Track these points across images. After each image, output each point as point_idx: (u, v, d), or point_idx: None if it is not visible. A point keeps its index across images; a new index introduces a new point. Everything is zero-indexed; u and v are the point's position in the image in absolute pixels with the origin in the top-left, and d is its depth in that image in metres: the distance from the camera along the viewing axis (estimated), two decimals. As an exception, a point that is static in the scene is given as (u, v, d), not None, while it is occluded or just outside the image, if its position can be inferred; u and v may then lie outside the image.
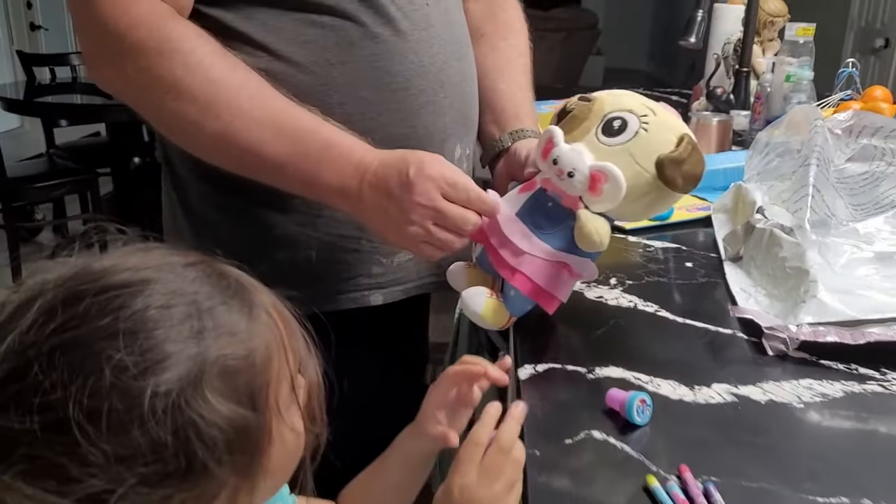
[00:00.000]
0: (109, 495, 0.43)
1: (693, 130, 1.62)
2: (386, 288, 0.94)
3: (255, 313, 0.50)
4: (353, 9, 0.83)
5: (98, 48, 0.79)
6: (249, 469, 0.48)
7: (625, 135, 0.74)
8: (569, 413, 0.70)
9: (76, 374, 0.43)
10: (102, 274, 0.47)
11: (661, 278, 1.03)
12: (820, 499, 0.59)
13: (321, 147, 0.78)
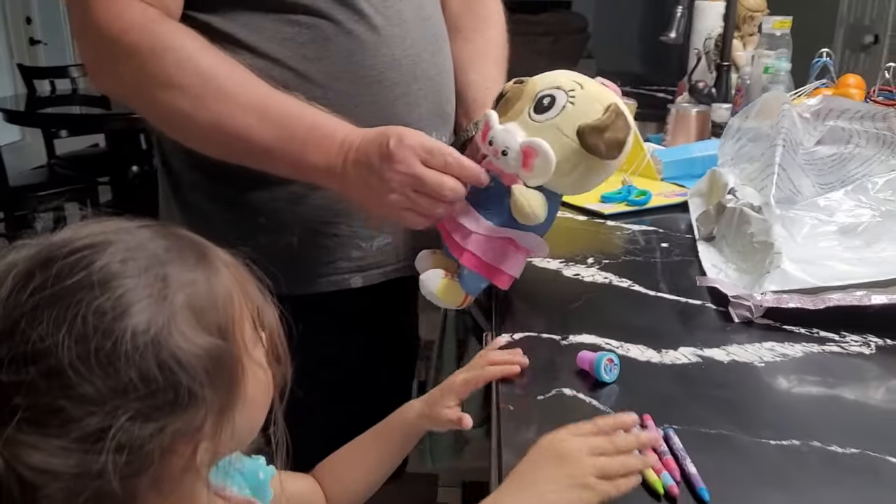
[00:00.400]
0: (106, 433, 0.47)
1: (673, 122, 1.68)
2: (366, 271, 0.99)
3: (211, 261, 0.55)
4: (328, 7, 0.88)
5: (96, 53, 0.84)
6: (228, 397, 0.52)
7: (553, 110, 0.77)
8: (542, 374, 0.75)
9: (61, 323, 0.47)
10: (66, 242, 0.51)
11: (637, 257, 1.07)
12: (772, 442, 0.63)
13: (306, 130, 0.83)
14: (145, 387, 0.48)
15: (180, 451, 0.51)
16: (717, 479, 0.58)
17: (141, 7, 0.81)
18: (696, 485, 0.57)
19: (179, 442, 0.50)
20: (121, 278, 0.49)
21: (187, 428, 0.50)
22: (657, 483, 0.57)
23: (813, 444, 0.63)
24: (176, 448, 0.50)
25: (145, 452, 0.48)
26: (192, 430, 0.50)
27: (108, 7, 0.80)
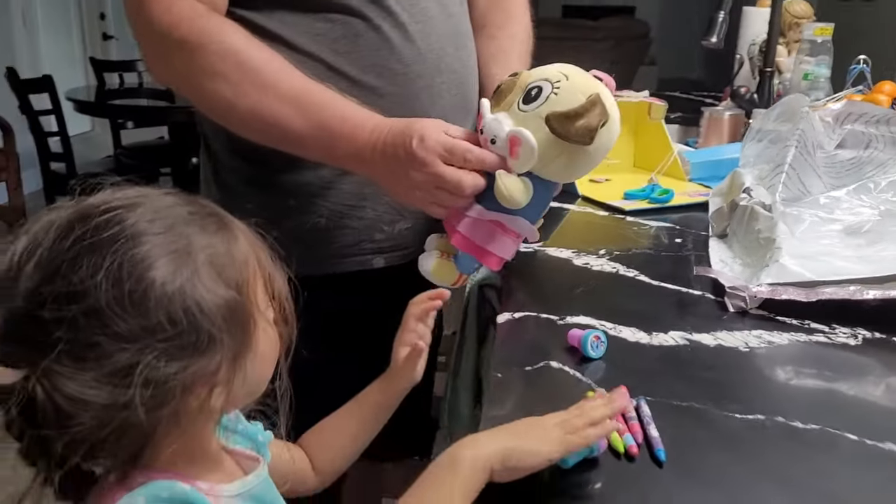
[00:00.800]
0: (134, 368, 0.53)
1: (706, 125, 1.71)
2: (388, 252, 1.05)
3: (231, 229, 0.62)
4: (359, 5, 0.95)
5: (149, 45, 0.92)
6: (241, 347, 0.59)
7: (539, 100, 0.81)
8: (534, 348, 0.80)
9: (99, 268, 0.53)
10: (101, 202, 0.58)
11: (649, 250, 1.11)
12: (738, 416, 0.67)
13: (337, 120, 0.89)
14: (172, 328, 0.54)
15: (197, 391, 0.57)
16: (678, 445, 0.62)
17: (190, 2, 0.89)
18: (655, 447, 0.61)
19: (198, 382, 0.57)
20: (149, 234, 0.56)
21: (205, 370, 0.57)
22: (619, 443, 0.62)
23: (777, 419, 0.67)
24: (194, 387, 0.57)
25: (168, 388, 0.55)
26: (209, 372, 0.57)
27: (159, 2, 0.88)
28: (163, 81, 0.95)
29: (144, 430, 0.55)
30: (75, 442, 0.53)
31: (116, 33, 5.88)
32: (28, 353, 0.53)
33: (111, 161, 4.00)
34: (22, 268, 0.55)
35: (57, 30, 5.36)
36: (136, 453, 0.56)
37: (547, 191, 0.85)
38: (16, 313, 0.54)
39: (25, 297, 0.54)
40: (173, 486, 0.57)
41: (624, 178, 1.49)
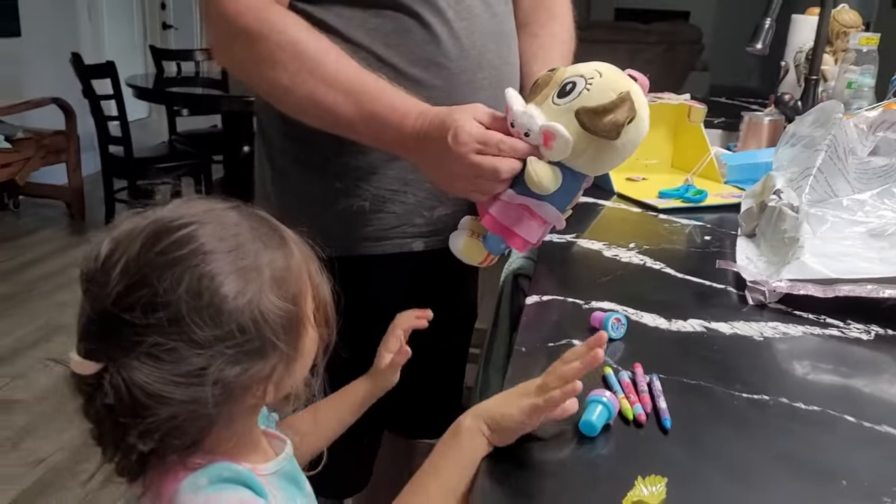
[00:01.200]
0: (206, 371, 0.61)
1: (745, 129, 1.74)
2: (427, 237, 1.11)
3: (288, 244, 0.69)
4: (410, 3, 1.01)
5: (216, 32, 0.99)
6: (293, 349, 0.66)
7: (572, 95, 0.86)
8: (558, 327, 0.85)
9: (181, 282, 0.60)
10: (175, 218, 0.64)
11: (677, 246, 1.16)
12: (744, 395, 0.72)
13: (386, 109, 0.95)
14: (240, 336, 0.62)
15: (254, 390, 0.65)
16: (683, 418, 0.67)
17: None
18: (662, 416, 0.66)
19: (256, 382, 0.64)
20: (220, 252, 0.62)
21: (262, 372, 0.64)
22: (629, 411, 0.67)
23: (781, 399, 0.71)
24: (253, 386, 0.64)
25: (232, 387, 0.62)
26: (266, 373, 0.65)
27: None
28: (225, 66, 1.03)
29: (208, 422, 0.62)
30: (149, 431, 0.60)
31: (176, 23, 6.05)
32: (110, 350, 0.60)
33: (166, 146, 4.14)
34: (109, 271, 0.61)
35: (119, 18, 5.54)
36: (197, 440, 0.63)
37: (575, 181, 0.90)
38: (103, 313, 0.61)
39: (114, 300, 0.60)
40: (231, 467, 0.65)
41: (661, 178, 1.53)
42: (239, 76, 1.01)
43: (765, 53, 2.01)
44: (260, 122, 1.17)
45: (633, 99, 0.85)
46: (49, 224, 4.19)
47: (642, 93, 0.88)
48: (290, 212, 1.09)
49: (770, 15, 1.97)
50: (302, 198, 1.10)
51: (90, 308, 0.62)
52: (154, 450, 0.62)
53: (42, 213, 4.34)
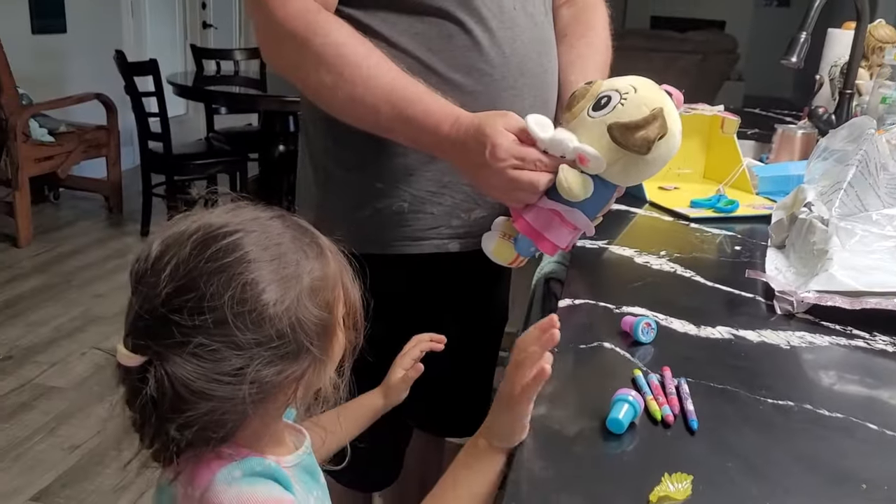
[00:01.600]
0: (244, 371, 0.64)
1: (778, 141, 1.75)
2: (463, 238, 1.15)
3: (325, 254, 0.72)
4: (454, 10, 1.05)
5: (264, 34, 1.03)
6: (324, 353, 0.70)
7: (606, 109, 0.89)
8: (589, 330, 0.88)
9: (226, 288, 0.64)
10: (222, 224, 0.68)
11: (708, 255, 1.18)
12: (770, 400, 0.74)
13: (422, 114, 0.99)
14: (278, 340, 0.66)
15: (286, 390, 0.69)
16: (709, 420, 0.70)
17: (301, 0, 0.99)
18: (689, 418, 0.69)
19: (289, 383, 0.68)
20: (263, 261, 0.66)
21: (295, 373, 0.68)
22: (657, 412, 0.70)
23: (805, 406, 0.73)
24: (285, 387, 0.68)
25: (267, 387, 0.66)
26: (298, 375, 0.68)
27: (275, 0, 0.98)
28: (274, 67, 1.06)
29: (242, 417, 0.67)
30: (187, 424, 0.64)
31: (216, 22, 6.15)
32: (157, 347, 0.64)
33: (203, 143, 4.21)
34: (159, 273, 0.65)
35: (161, 17, 5.65)
36: (231, 433, 0.67)
37: (606, 190, 0.93)
38: (151, 312, 0.65)
39: (163, 301, 0.64)
40: (263, 462, 0.69)
41: (692, 188, 1.55)
42: (286, 77, 1.05)
43: (799, 67, 2.02)
44: (303, 123, 1.21)
45: (666, 116, 0.87)
46: (87, 216, 4.29)
47: (676, 109, 0.90)
48: (331, 210, 1.13)
49: (805, 29, 1.98)
50: (342, 197, 1.13)
51: (139, 306, 0.65)
52: (190, 441, 0.66)
53: (81, 206, 4.44)
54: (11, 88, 3.51)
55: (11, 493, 2.02)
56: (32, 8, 4.32)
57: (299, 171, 1.24)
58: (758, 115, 2.59)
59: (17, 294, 3.23)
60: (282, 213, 0.72)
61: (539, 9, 1.15)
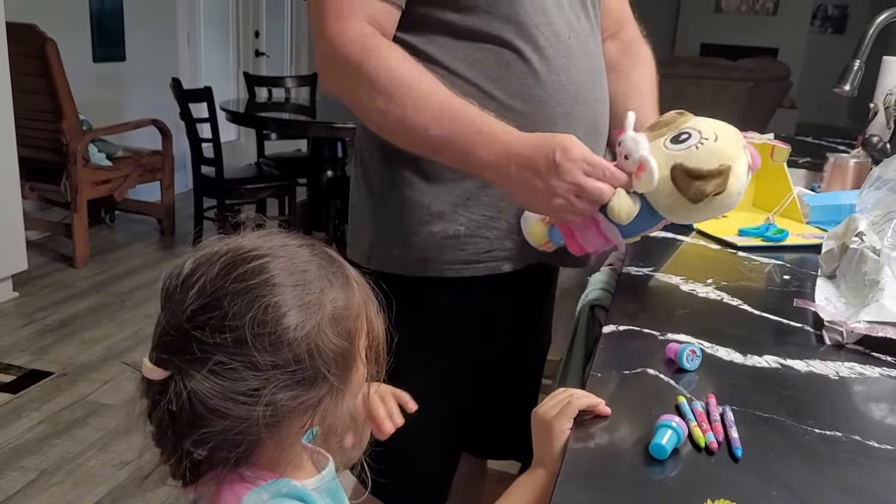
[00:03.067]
0: (260, 392, 0.66)
1: (829, 170, 1.73)
2: (515, 260, 1.16)
3: (351, 284, 0.74)
4: (511, 38, 1.07)
5: (322, 59, 1.06)
6: (342, 382, 0.71)
7: (682, 145, 0.91)
8: (634, 356, 0.88)
9: (248, 309, 0.66)
10: (252, 248, 0.70)
11: (755, 284, 1.17)
12: (817, 430, 0.73)
13: (474, 133, 1.01)
14: (295, 365, 0.67)
15: (300, 416, 0.70)
16: (755, 447, 0.69)
17: (360, 25, 1.02)
18: (734, 445, 0.69)
19: (304, 409, 0.69)
20: (287, 286, 0.68)
21: (311, 400, 0.69)
22: (701, 439, 0.69)
23: (854, 437, 0.72)
24: (299, 412, 0.69)
25: (281, 411, 0.67)
26: (314, 402, 0.69)
27: (336, 23, 1.02)
28: (330, 90, 1.08)
29: (256, 438, 0.68)
30: (203, 440, 0.66)
31: (268, 50, 6.30)
32: (179, 362, 0.66)
33: (254, 168, 4.30)
34: (187, 290, 0.67)
35: (216, 46, 5.80)
36: (246, 454, 0.69)
37: (651, 218, 0.94)
38: (177, 328, 0.66)
39: (188, 317, 0.66)
40: (289, 483, 0.71)
41: (741, 216, 1.54)
42: (341, 99, 1.07)
43: (853, 95, 2.00)
44: (359, 149, 1.22)
45: (731, 175, 0.90)
46: (141, 239, 4.40)
47: (747, 170, 0.93)
48: (387, 234, 1.14)
49: (859, 56, 1.96)
50: (398, 221, 1.14)
51: (166, 321, 0.67)
52: (206, 458, 0.68)
53: (135, 228, 4.55)
54: (73, 114, 3.64)
55: (63, 507, 2.07)
56: (94, 37, 4.48)
57: (353, 196, 1.25)
58: (810, 143, 2.55)
59: (72, 313, 3.32)
60: (312, 241, 0.74)
61: (591, 39, 1.17)
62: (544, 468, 0.79)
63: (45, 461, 2.26)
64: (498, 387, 1.31)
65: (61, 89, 3.54)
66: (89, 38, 4.45)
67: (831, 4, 10.00)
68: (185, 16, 5.23)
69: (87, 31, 4.44)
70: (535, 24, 1.07)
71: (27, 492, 2.12)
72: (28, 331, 3.12)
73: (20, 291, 3.45)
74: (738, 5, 9.93)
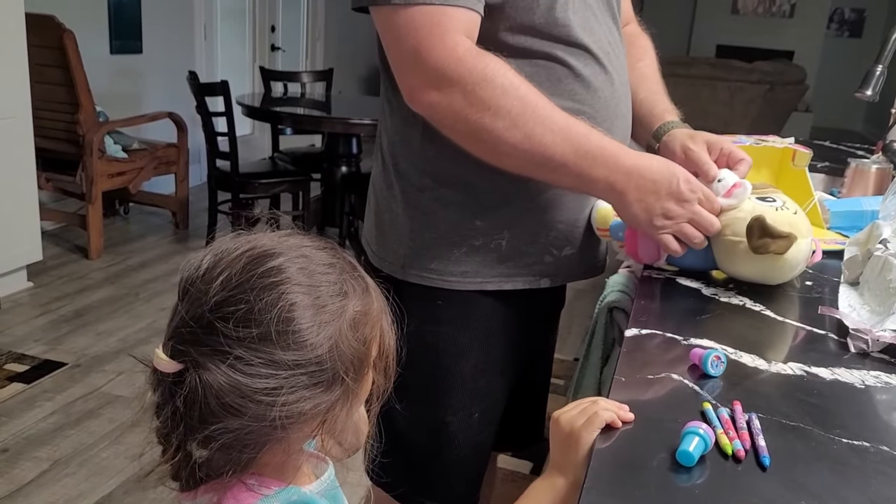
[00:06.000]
0: (277, 391, 0.65)
1: (851, 176, 1.72)
2: (553, 276, 1.17)
3: (368, 289, 0.73)
4: (563, 55, 1.07)
5: (427, 80, 0.98)
6: (357, 387, 0.70)
7: (766, 204, 1.08)
8: (657, 361, 0.87)
9: (274, 306, 0.65)
10: (273, 246, 0.69)
11: (777, 289, 1.16)
12: (844, 440, 0.73)
13: (596, 149, 1.01)
14: (315, 366, 0.67)
15: (311, 421, 0.69)
16: (781, 457, 0.69)
17: (465, 40, 0.98)
18: (761, 453, 0.68)
19: (316, 414, 0.68)
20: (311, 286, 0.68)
21: (326, 404, 0.68)
22: (727, 446, 0.69)
23: (882, 447, 0.72)
24: (311, 417, 0.68)
25: (296, 413, 0.66)
26: (328, 407, 0.69)
27: (441, 40, 0.96)
28: (432, 111, 1.01)
29: (266, 441, 0.67)
30: (211, 438, 0.65)
31: (283, 45, 6.31)
32: (196, 354, 0.65)
33: (268, 163, 4.31)
34: (210, 282, 0.66)
35: (232, 40, 5.82)
36: (252, 458, 0.67)
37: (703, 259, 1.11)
38: (198, 318, 0.65)
39: (212, 308, 0.65)
40: (299, 491, 0.70)
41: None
42: (446, 120, 1.01)
43: (874, 100, 1.98)
44: (392, 158, 1.17)
45: (795, 245, 1.04)
46: (155, 231, 4.41)
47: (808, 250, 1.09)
48: (425, 246, 1.13)
49: (882, 61, 1.94)
50: (438, 233, 1.13)
51: (185, 311, 0.66)
52: (211, 461, 0.67)
53: (149, 221, 4.57)
54: (90, 106, 3.65)
55: (76, 497, 2.08)
56: (112, 29, 4.49)
57: (381, 203, 1.20)
58: (827, 147, 2.54)
59: (87, 304, 3.34)
60: (332, 244, 0.74)
61: (622, 50, 1.18)
62: (563, 477, 0.79)
63: (58, 452, 2.28)
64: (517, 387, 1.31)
65: (79, 81, 3.56)
66: (107, 31, 4.47)
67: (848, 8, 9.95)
68: (202, 9, 5.25)
69: (105, 23, 4.45)
70: (584, 42, 1.08)
71: (40, 482, 2.13)
72: (42, 321, 3.14)
73: (35, 281, 3.47)
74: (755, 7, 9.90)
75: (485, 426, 1.21)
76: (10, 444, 2.30)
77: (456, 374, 1.16)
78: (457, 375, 1.16)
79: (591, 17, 1.10)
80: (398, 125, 1.13)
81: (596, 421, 0.74)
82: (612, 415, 0.74)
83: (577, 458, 0.75)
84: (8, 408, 2.48)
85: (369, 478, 1.17)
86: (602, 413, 0.74)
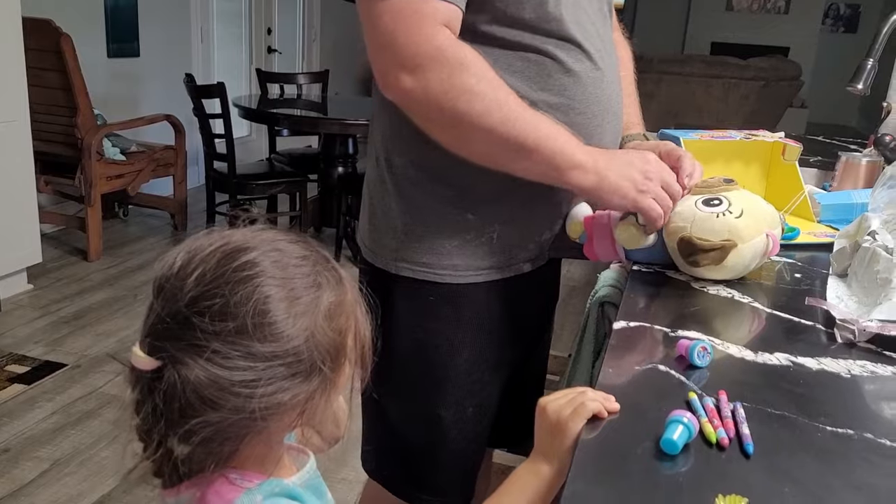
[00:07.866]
0: (255, 383, 0.66)
1: (841, 169, 1.73)
2: (534, 260, 1.19)
3: (344, 283, 0.74)
4: (553, 50, 1.07)
5: (400, 63, 0.97)
6: (334, 376, 0.71)
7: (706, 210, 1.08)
8: (643, 352, 0.89)
9: (249, 299, 0.66)
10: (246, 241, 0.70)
11: (766, 282, 1.17)
12: (829, 427, 0.74)
13: (569, 135, 1.03)
14: (293, 357, 0.67)
15: (290, 412, 0.69)
16: (766, 444, 0.70)
17: (447, 32, 0.99)
18: (745, 441, 0.69)
19: (295, 405, 0.69)
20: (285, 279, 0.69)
21: (304, 395, 0.69)
22: (712, 435, 0.70)
23: (865, 435, 0.73)
24: (290, 408, 0.69)
25: (275, 404, 0.67)
26: (306, 398, 0.69)
27: (420, 30, 0.96)
28: (406, 97, 1.01)
29: (246, 433, 0.68)
30: (191, 433, 0.66)
31: (280, 47, 6.32)
32: (173, 350, 0.65)
33: (265, 164, 4.32)
34: (184, 279, 0.67)
35: (229, 42, 5.82)
36: (233, 451, 0.68)
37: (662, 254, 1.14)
38: (174, 314, 0.66)
39: (188, 303, 0.66)
40: (281, 482, 0.71)
41: (752, 215, 1.54)
42: (421, 106, 1.02)
43: (865, 94, 2.00)
44: (385, 154, 1.18)
45: (729, 256, 1.06)
46: (154, 233, 4.43)
47: (758, 251, 1.09)
48: (418, 241, 1.14)
49: (872, 56, 1.95)
50: (431, 228, 1.14)
51: (161, 308, 0.67)
52: (192, 456, 0.67)
53: (148, 223, 4.58)
54: (88, 109, 3.66)
55: (76, 496, 2.09)
56: (109, 33, 4.50)
57: (374, 198, 1.21)
58: (821, 142, 2.55)
59: (86, 306, 3.35)
60: (305, 238, 0.75)
61: (613, 49, 1.19)
62: (548, 464, 0.79)
63: (59, 452, 2.29)
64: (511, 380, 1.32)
65: (76, 84, 3.57)
66: (104, 34, 4.48)
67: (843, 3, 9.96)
68: (199, 12, 5.26)
69: (102, 26, 4.46)
70: (576, 38, 1.09)
71: (40, 482, 2.15)
72: (42, 322, 3.15)
73: (34, 284, 3.48)
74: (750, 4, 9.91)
75: (479, 420, 1.22)
76: (11, 444, 2.31)
77: (449, 368, 1.17)
78: (450, 370, 1.17)
79: (583, 13, 1.11)
80: (391, 120, 1.14)
81: (583, 411, 0.75)
82: (598, 405, 0.75)
83: (562, 447, 0.76)
84: (9, 408, 2.50)
85: (365, 472, 1.18)
86: (589, 403, 0.75)
